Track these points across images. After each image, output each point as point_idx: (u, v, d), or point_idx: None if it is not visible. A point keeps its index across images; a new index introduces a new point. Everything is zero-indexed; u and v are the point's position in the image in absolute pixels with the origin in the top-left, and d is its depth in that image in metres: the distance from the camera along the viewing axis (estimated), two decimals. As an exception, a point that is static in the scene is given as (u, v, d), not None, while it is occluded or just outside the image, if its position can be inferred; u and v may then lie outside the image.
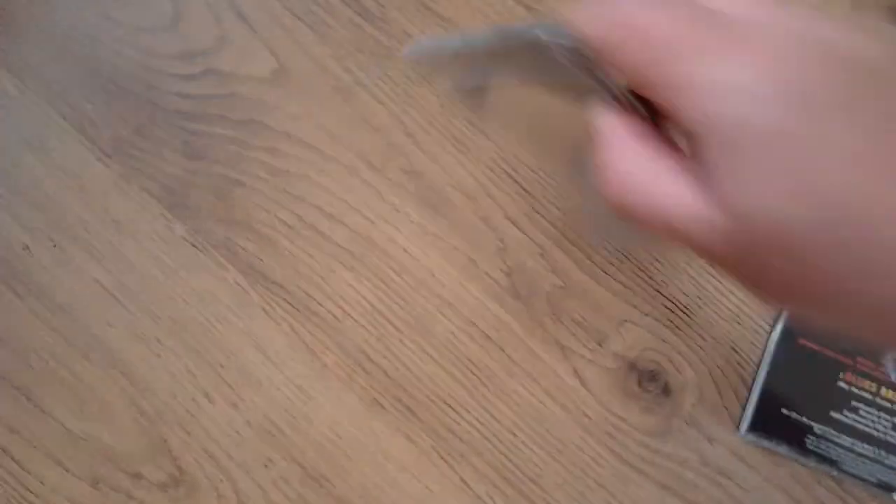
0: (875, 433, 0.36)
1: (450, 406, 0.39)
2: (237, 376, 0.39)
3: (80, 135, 0.42)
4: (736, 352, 0.39)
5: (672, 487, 0.38)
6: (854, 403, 0.37)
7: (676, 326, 0.39)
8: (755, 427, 0.37)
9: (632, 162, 0.22)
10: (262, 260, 0.40)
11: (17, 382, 0.39)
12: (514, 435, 0.39)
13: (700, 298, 0.40)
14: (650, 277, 0.40)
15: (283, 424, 0.39)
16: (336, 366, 0.39)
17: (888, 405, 0.36)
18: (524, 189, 0.40)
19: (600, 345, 0.39)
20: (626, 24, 0.21)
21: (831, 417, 0.37)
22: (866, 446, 0.36)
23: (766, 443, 0.37)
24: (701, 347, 0.39)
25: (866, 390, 0.37)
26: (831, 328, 0.21)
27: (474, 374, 0.39)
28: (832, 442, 0.36)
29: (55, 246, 0.41)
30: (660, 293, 0.40)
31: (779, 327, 0.38)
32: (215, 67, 0.42)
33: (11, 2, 0.43)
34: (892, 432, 0.36)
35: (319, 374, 0.39)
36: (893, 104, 0.19)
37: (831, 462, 0.37)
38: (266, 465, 0.39)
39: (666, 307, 0.40)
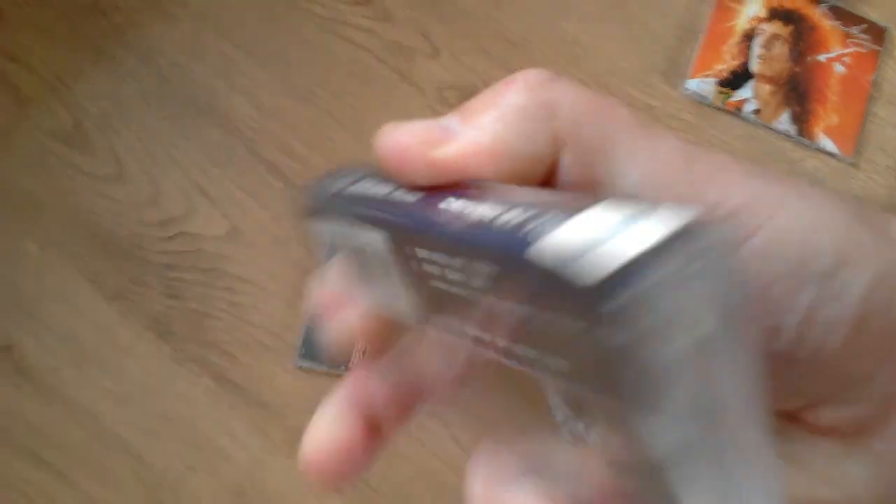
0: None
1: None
2: (213, 454, 0.56)
3: (90, 284, 0.58)
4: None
5: None
6: None
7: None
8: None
9: None
10: (226, 369, 0.57)
11: (58, 466, 0.56)
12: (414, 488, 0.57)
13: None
14: None
15: (248, 486, 0.56)
16: (282, 441, 0.57)
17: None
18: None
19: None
20: None
21: None
22: None
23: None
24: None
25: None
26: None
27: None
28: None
29: (78, 367, 0.57)
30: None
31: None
32: (186, 230, 0.59)
33: (38, 190, 0.59)
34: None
35: (270, 448, 0.57)
36: None
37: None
38: (236, 514, 0.56)
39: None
